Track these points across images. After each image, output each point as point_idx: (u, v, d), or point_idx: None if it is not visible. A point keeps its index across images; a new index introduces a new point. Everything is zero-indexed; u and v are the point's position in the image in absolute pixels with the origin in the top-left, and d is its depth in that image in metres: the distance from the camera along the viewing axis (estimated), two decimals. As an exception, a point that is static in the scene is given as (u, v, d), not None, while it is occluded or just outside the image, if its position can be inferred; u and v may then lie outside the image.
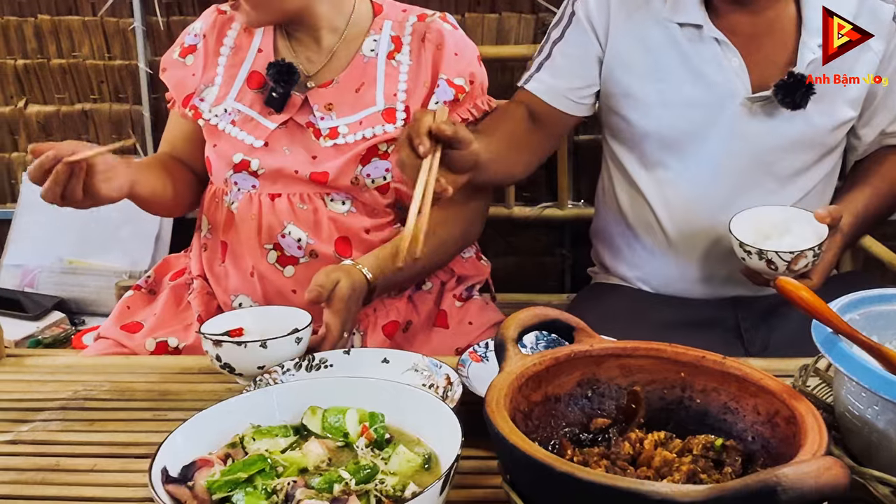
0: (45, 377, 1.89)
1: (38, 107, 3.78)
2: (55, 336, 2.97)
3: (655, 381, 1.38)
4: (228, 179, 2.26)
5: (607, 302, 2.32)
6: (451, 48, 2.29)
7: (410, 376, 1.67)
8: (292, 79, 2.23)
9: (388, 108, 2.24)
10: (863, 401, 1.22)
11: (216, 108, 2.30)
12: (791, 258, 1.89)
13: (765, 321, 2.21)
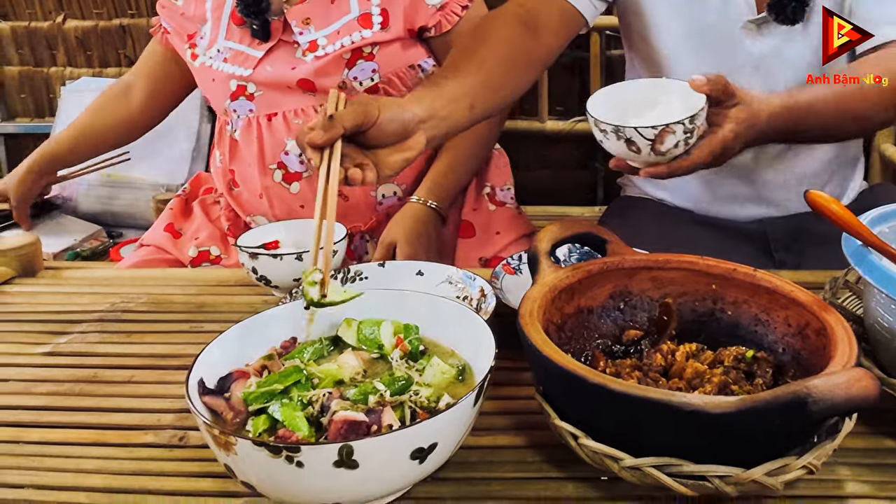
0: (82, 289, 1.92)
1: (77, 22, 3.79)
2: (93, 249, 2.98)
3: (687, 294, 1.39)
4: (228, 109, 2.31)
5: (636, 217, 2.31)
6: None
7: (444, 288, 1.68)
8: (261, 7, 2.24)
9: (363, 14, 2.23)
10: (892, 312, 1.22)
11: (210, 51, 2.34)
12: (654, 135, 1.56)
13: (795, 241, 2.19)
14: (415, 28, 2.26)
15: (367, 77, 2.21)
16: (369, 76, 2.21)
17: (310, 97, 2.24)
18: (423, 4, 2.24)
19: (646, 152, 1.60)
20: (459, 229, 2.39)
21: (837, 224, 1.27)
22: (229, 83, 2.28)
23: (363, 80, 2.21)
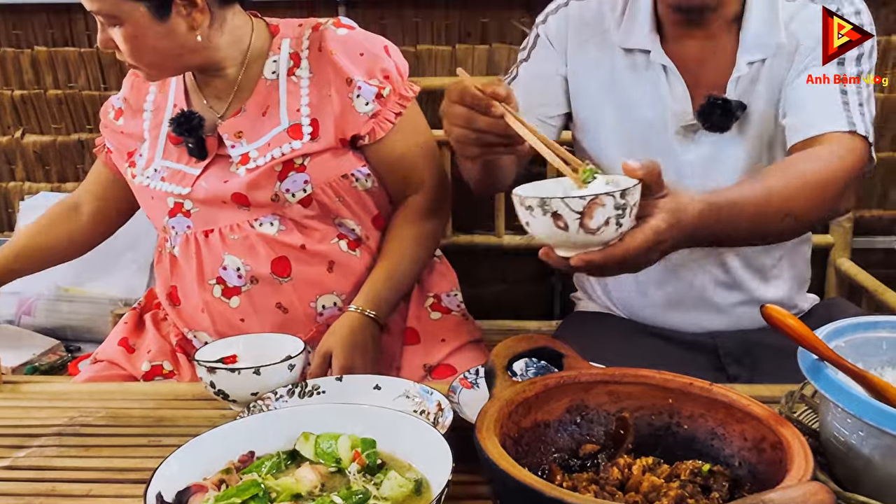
0: (41, 403, 1.91)
1: (35, 137, 3.79)
2: (52, 363, 2.98)
3: (643, 408, 1.39)
4: (167, 226, 2.31)
5: (590, 331, 2.33)
6: (353, 49, 2.29)
7: (402, 402, 1.69)
8: (193, 125, 2.25)
9: (293, 125, 2.24)
10: (848, 427, 1.23)
11: (147, 171, 2.34)
12: (583, 206, 1.38)
13: (747, 354, 2.21)
14: (346, 137, 2.27)
15: (299, 189, 2.21)
16: (301, 187, 2.21)
17: (245, 212, 2.23)
18: (355, 113, 2.24)
19: (574, 228, 1.41)
20: (404, 336, 2.39)
21: (794, 339, 1.29)
22: (167, 201, 2.28)
23: (295, 192, 2.21)
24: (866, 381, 1.28)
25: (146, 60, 2.16)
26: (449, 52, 3.42)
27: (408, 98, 2.33)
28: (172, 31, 2.11)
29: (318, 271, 2.27)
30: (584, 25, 2.26)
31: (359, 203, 2.32)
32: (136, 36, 2.10)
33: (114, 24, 2.10)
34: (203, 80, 2.34)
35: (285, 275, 2.23)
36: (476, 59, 3.43)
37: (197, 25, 2.13)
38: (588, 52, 2.17)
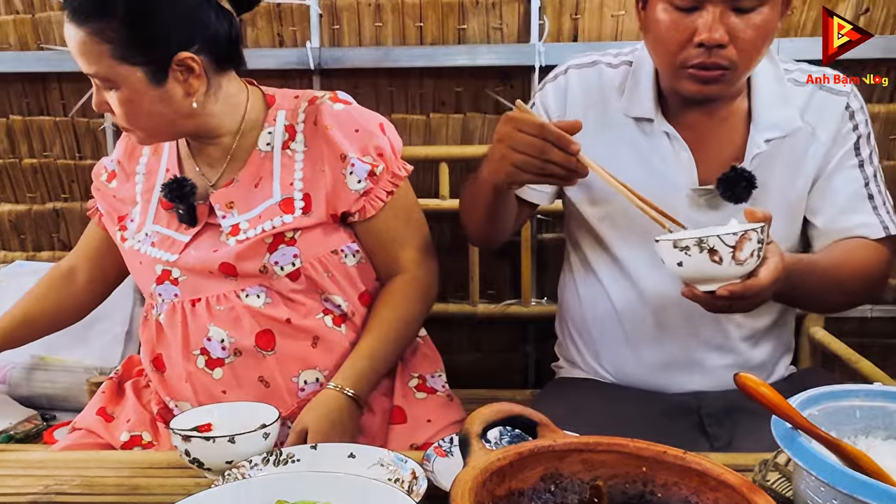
0: (16, 472, 1.89)
1: (10, 206, 3.79)
2: (27, 431, 2.96)
3: (617, 476, 1.40)
4: (154, 293, 2.29)
5: (571, 396, 2.33)
6: (350, 126, 2.29)
7: (376, 471, 1.68)
8: (185, 192, 2.25)
9: (285, 199, 2.24)
10: (822, 495, 1.23)
11: (138, 235, 2.33)
12: (735, 241, 1.66)
13: (728, 415, 2.21)
14: (338, 213, 2.27)
15: (288, 262, 2.21)
16: (290, 261, 2.21)
17: (232, 282, 2.22)
18: (347, 190, 2.25)
19: (727, 261, 1.68)
20: (391, 416, 2.37)
21: (767, 407, 1.30)
22: (155, 267, 2.27)
23: (284, 265, 2.20)
24: (840, 449, 1.29)
25: (141, 125, 2.17)
26: (423, 122, 3.44)
27: (400, 177, 2.34)
28: (168, 97, 2.12)
29: (301, 346, 2.25)
30: (585, 93, 2.30)
31: (346, 279, 2.32)
32: (131, 100, 2.10)
33: (110, 87, 2.10)
34: (197, 147, 2.34)
35: (269, 348, 2.22)
36: (450, 128, 3.46)
37: (193, 91, 2.14)
38: (589, 119, 2.19)
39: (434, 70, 3.42)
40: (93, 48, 2.05)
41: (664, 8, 2.02)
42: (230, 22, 2.20)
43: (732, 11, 1.95)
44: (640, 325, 2.28)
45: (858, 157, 2.21)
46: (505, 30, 3.37)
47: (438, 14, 3.36)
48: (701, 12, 1.96)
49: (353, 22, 3.39)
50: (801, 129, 2.17)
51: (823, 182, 2.22)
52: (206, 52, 2.14)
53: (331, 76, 3.44)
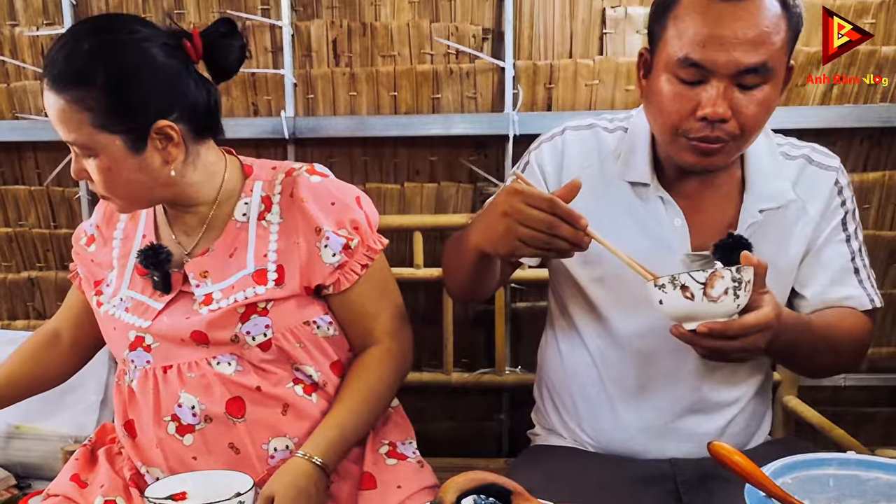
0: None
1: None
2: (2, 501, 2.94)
3: (592, 545, 1.40)
4: (126, 359, 2.28)
5: (546, 464, 2.33)
6: (325, 199, 2.28)
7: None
8: (160, 259, 2.24)
9: (258, 270, 2.23)
10: (796, 563, 1.24)
11: (113, 300, 2.33)
12: (706, 278, 1.74)
13: (703, 483, 2.20)
14: (311, 286, 2.26)
15: (259, 332, 2.19)
16: (262, 331, 2.20)
17: (203, 349, 2.21)
18: (321, 263, 2.24)
19: (699, 297, 1.75)
20: (360, 481, 2.34)
21: (741, 475, 1.30)
22: (128, 333, 2.26)
23: (256, 336, 2.19)
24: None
25: (119, 192, 2.16)
26: (398, 191, 3.46)
27: (375, 250, 2.33)
28: (147, 165, 2.12)
29: (272, 414, 2.24)
30: (581, 154, 2.31)
31: (319, 349, 2.31)
32: (110, 168, 2.10)
33: (89, 155, 2.09)
34: (174, 215, 2.34)
35: (239, 415, 2.20)
36: (425, 197, 3.47)
37: (172, 160, 2.14)
38: (585, 180, 2.19)
39: (408, 139, 3.44)
40: (72, 116, 2.04)
41: (668, 79, 2.03)
42: (208, 90, 2.21)
43: (736, 87, 1.97)
44: (623, 387, 2.28)
45: (846, 232, 2.25)
46: (479, 99, 3.39)
47: (413, 83, 3.38)
48: (705, 86, 1.98)
49: (328, 91, 3.41)
50: (793, 201, 2.20)
51: (813, 255, 2.25)
52: (184, 120, 2.14)
53: (305, 145, 3.46)
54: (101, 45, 2.05)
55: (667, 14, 2.04)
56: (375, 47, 3.40)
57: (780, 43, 1.96)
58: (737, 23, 1.93)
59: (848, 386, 3.53)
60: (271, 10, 3.40)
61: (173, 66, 2.11)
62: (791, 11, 1.98)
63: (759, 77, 1.96)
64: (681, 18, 2.00)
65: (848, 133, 3.29)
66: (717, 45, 1.94)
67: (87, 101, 2.02)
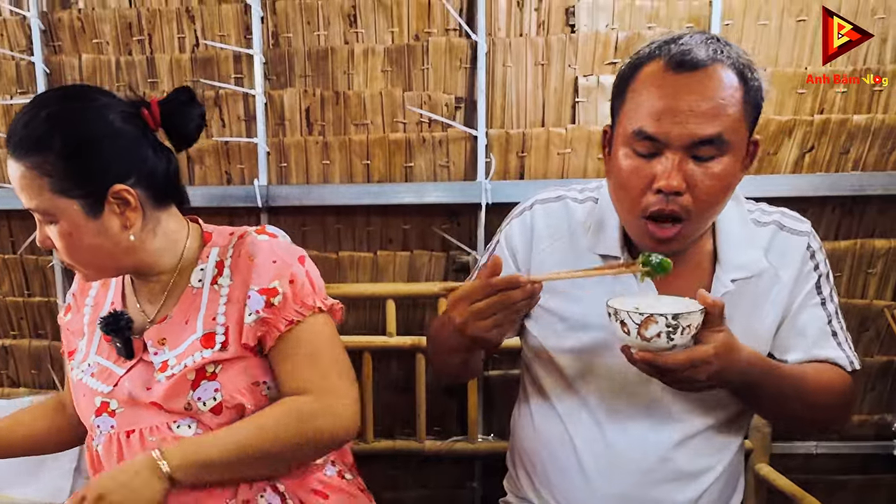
0: None
1: (-41, 344, 3.77)
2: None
3: None
4: (93, 424, 2.28)
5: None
6: (268, 256, 2.26)
7: None
8: (120, 326, 2.25)
9: (207, 334, 2.22)
10: None
11: (82, 365, 2.34)
12: (640, 320, 1.84)
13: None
14: (249, 344, 2.24)
15: (209, 397, 2.18)
16: (212, 395, 2.18)
17: (164, 414, 2.20)
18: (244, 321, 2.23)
19: (633, 335, 1.86)
20: None
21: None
22: (94, 399, 2.26)
23: (206, 401, 2.18)
24: None
25: (82, 259, 2.17)
26: (370, 259, 3.46)
27: (309, 307, 2.27)
28: (105, 229, 2.12)
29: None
30: (551, 227, 2.33)
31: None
32: (70, 233, 2.11)
33: (50, 221, 2.11)
34: (139, 284, 2.35)
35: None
36: (397, 265, 3.47)
37: (130, 224, 2.14)
38: (556, 252, 2.22)
39: (381, 207, 3.45)
40: (32, 182, 2.07)
41: (626, 153, 2.05)
42: (168, 158, 2.22)
43: (691, 159, 1.99)
44: (595, 456, 2.27)
45: (820, 296, 2.26)
46: (452, 167, 3.40)
47: (385, 152, 3.40)
48: (660, 158, 2.00)
49: (301, 160, 3.42)
50: (766, 269, 2.21)
51: (789, 321, 2.25)
52: (142, 185, 2.16)
53: (278, 213, 3.47)
54: (59, 112, 2.08)
55: (626, 88, 2.07)
56: (348, 116, 3.42)
57: (737, 115, 1.98)
58: (691, 95, 1.95)
59: (820, 453, 3.53)
60: (245, 79, 3.41)
61: (131, 133, 2.14)
62: (749, 84, 2.00)
63: (714, 149, 1.97)
64: (637, 92, 2.03)
65: (820, 201, 3.31)
66: (671, 118, 1.96)
67: (45, 167, 2.05)
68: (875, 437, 3.56)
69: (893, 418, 3.46)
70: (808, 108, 3.27)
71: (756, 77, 2.02)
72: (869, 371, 3.48)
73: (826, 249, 2.65)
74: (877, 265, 3.37)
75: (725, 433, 2.30)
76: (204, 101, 3.37)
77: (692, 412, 2.24)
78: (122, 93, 2.23)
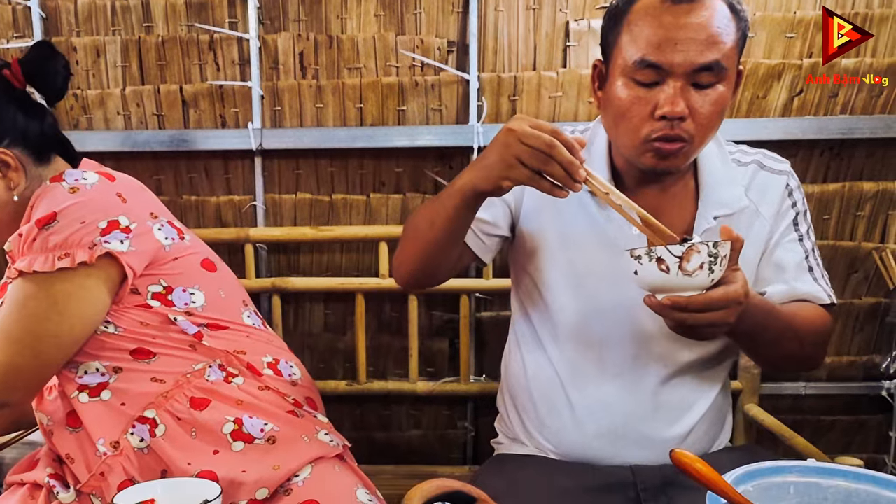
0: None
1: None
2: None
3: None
4: None
5: (510, 472, 2.34)
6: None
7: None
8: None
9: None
10: (754, 568, 1.26)
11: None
12: (682, 252, 1.74)
13: (664, 490, 2.22)
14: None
15: None
16: None
17: None
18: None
19: (674, 271, 1.75)
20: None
21: (703, 483, 1.32)
22: None
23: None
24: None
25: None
26: (363, 202, 3.48)
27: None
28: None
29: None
30: None
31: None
32: None
33: None
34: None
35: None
36: (390, 208, 3.49)
37: (14, 185, 2.17)
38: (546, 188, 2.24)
39: (374, 151, 3.46)
40: None
41: (625, 83, 2.08)
42: (42, 113, 2.25)
43: (691, 87, 2.04)
44: (583, 393, 2.30)
45: (798, 232, 2.30)
46: (444, 111, 3.42)
47: (378, 96, 3.41)
48: (662, 87, 2.03)
49: (295, 103, 3.43)
50: (747, 206, 2.25)
51: (768, 256, 2.30)
52: (18, 145, 2.18)
53: (272, 157, 3.48)
54: None
55: (620, 22, 2.10)
56: (342, 60, 3.43)
57: (732, 43, 2.03)
58: (690, 24, 1.99)
59: (808, 394, 3.56)
60: (239, 24, 3.41)
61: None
62: (739, 15, 2.05)
63: (713, 76, 2.02)
64: (634, 24, 2.06)
65: (808, 144, 3.33)
66: (673, 46, 2.00)
67: None
68: (863, 379, 3.59)
69: (881, 359, 3.48)
70: (797, 51, 3.28)
71: (743, 8, 2.07)
72: (857, 313, 3.51)
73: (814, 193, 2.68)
74: (865, 207, 3.40)
75: (711, 370, 2.32)
76: (198, 45, 3.40)
77: (679, 350, 2.26)
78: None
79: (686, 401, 2.30)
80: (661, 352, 2.25)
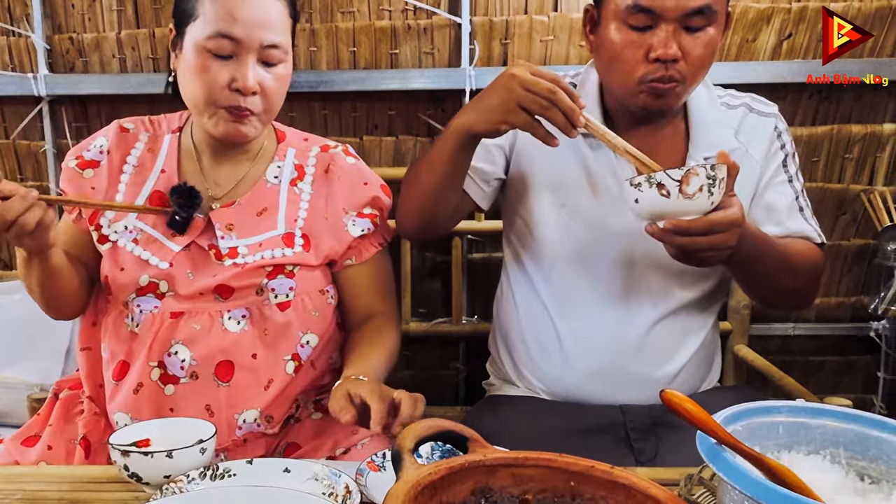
0: (-44, 488, 1.89)
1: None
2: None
3: (546, 490, 1.43)
4: (130, 302, 2.23)
5: (501, 413, 2.37)
6: (357, 180, 2.38)
7: (311, 485, 1.70)
8: (195, 203, 2.22)
9: (287, 233, 2.27)
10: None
11: (116, 225, 2.26)
12: (681, 176, 1.79)
13: (653, 430, 2.27)
14: (334, 258, 2.33)
15: (283, 292, 2.23)
16: (286, 292, 2.23)
17: (219, 303, 2.21)
18: (347, 235, 2.34)
19: (675, 194, 1.80)
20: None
21: (692, 423, 1.33)
22: (139, 278, 2.21)
23: (279, 294, 2.22)
24: (763, 464, 1.32)
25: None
26: (356, 144, 3.49)
27: (389, 234, 2.46)
28: None
29: (255, 385, 2.24)
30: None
31: (323, 321, 2.34)
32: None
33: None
34: (211, 162, 2.35)
35: (226, 380, 2.20)
36: (383, 150, 3.51)
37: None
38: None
39: (367, 94, 3.47)
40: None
41: (618, 28, 2.12)
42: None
43: (683, 30, 2.08)
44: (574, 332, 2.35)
45: (787, 174, 2.34)
46: (436, 54, 3.43)
47: (371, 39, 3.42)
48: (655, 31, 2.08)
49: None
50: (737, 148, 2.28)
51: (759, 197, 2.34)
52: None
53: (265, 99, 3.46)
54: None
55: None
56: (335, 3, 3.43)
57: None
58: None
59: (797, 335, 3.60)
60: (231, -35, 3.40)
61: None
62: None
63: (703, 19, 2.06)
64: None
65: (797, 87, 3.34)
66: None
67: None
68: (851, 319, 3.65)
69: (869, 300, 3.51)
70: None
71: None
72: (846, 254, 3.55)
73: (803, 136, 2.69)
74: (853, 150, 3.42)
75: (700, 310, 2.36)
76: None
77: (670, 290, 2.29)
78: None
79: (676, 341, 2.33)
80: (653, 289, 2.28)
